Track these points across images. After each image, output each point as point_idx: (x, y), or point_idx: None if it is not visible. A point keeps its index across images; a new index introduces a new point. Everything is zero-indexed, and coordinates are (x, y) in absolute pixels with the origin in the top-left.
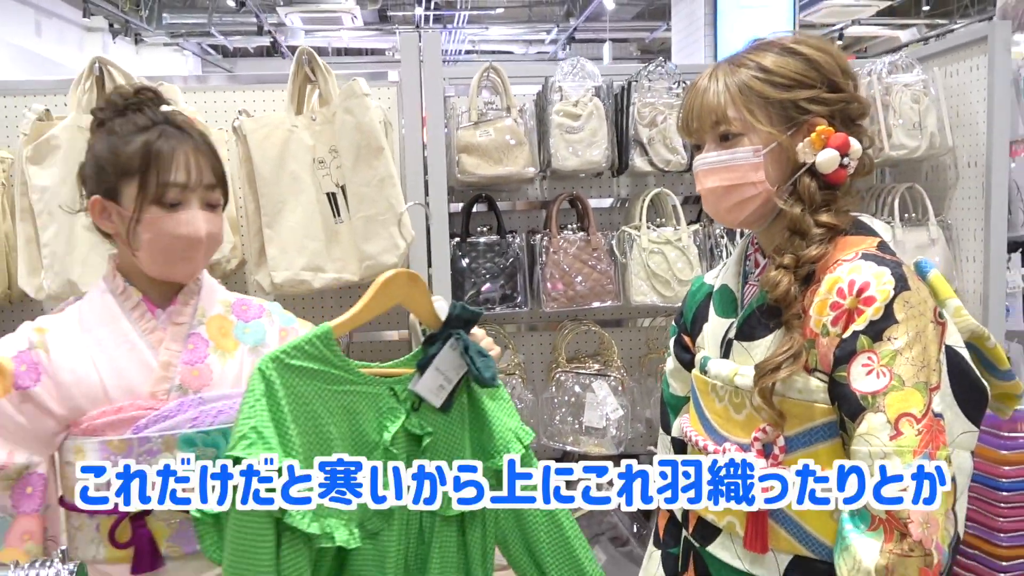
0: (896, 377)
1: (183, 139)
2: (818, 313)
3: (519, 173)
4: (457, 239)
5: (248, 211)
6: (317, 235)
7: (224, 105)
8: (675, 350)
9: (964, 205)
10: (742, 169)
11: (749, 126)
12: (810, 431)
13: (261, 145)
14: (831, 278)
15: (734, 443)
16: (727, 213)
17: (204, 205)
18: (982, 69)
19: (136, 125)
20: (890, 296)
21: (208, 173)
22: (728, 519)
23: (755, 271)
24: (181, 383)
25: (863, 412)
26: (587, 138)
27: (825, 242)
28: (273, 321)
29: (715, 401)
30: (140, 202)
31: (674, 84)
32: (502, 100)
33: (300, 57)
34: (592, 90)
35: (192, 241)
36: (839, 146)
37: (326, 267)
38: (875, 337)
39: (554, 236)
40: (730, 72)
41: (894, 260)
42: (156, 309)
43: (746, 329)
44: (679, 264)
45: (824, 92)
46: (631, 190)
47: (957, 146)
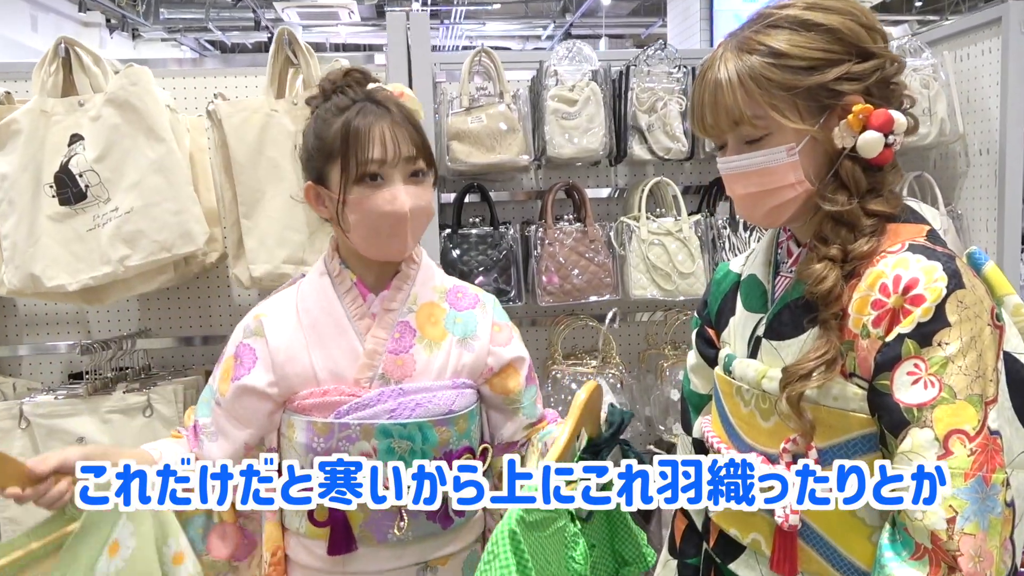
0: (947, 388)
1: (380, 114)
2: (858, 312)
3: (512, 161)
4: (448, 230)
5: (225, 201)
6: (299, 226)
7: (207, 92)
8: (697, 344)
9: (975, 194)
10: (777, 172)
11: (776, 124)
12: (846, 444)
13: (238, 130)
14: (874, 272)
15: (760, 453)
16: (765, 218)
17: (407, 178)
18: (995, 52)
19: (337, 107)
20: (942, 295)
21: (407, 145)
22: (753, 536)
23: (788, 261)
24: (384, 372)
25: (907, 427)
26: (584, 124)
27: (877, 234)
28: (486, 313)
29: (740, 405)
30: (344, 183)
31: (674, 68)
32: (495, 86)
33: (280, 38)
34: (589, 74)
35: (398, 217)
36: (882, 125)
37: (309, 260)
38: (923, 342)
39: (549, 227)
40: (740, 60)
41: (946, 252)
42: (368, 294)
43: (776, 326)
44: (680, 256)
45: (855, 64)
46: (630, 179)
47: (968, 133)
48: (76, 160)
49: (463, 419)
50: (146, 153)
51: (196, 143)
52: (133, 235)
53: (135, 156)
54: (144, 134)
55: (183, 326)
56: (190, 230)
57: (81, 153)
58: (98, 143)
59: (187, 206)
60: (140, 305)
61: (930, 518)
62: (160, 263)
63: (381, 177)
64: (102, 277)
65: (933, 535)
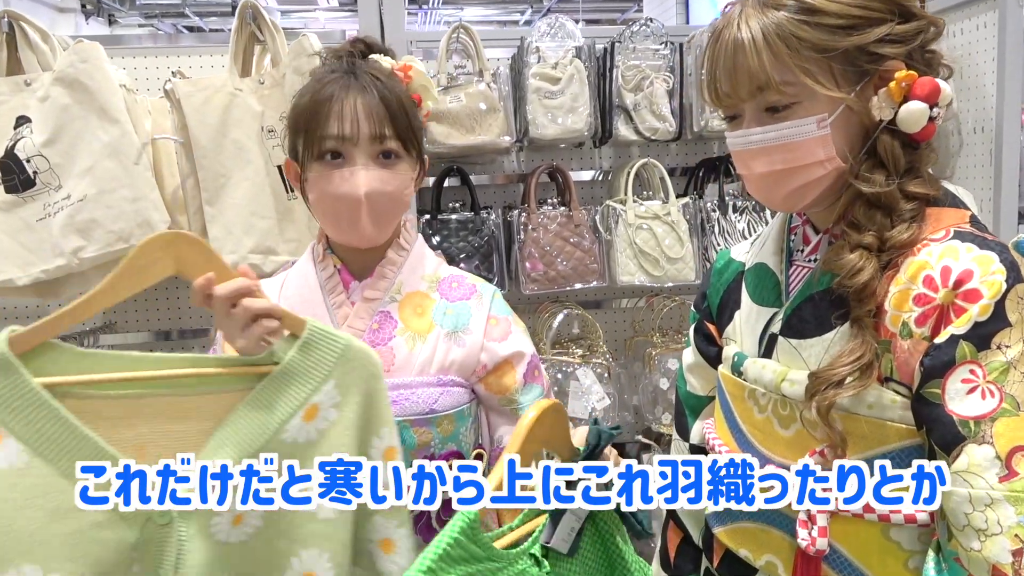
0: (1008, 398)
1: (353, 88)
2: (897, 308)
3: (493, 143)
4: (427, 216)
5: (187, 186)
6: (267, 213)
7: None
8: (696, 341)
9: (969, 174)
10: (805, 146)
11: (807, 91)
12: (882, 457)
13: (199, 111)
14: (915, 262)
15: (778, 466)
16: (786, 200)
17: (374, 158)
18: (991, 27)
19: (316, 79)
20: (1001, 290)
21: (377, 123)
22: (768, 558)
23: (804, 249)
24: None
25: (963, 443)
26: (567, 104)
27: (918, 219)
28: (482, 305)
29: (754, 411)
30: (305, 158)
31: (660, 45)
32: (474, 64)
33: (243, 13)
34: (572, 51)
35: (351, 200)
36: (928, 95)
37: (278, 248)
38: (981, 344)
39: (532, 212)
40: (765, 17)
41: (998, 242)
42: (352, 281)
43: (796, 323)
44: (668, 241)
45: (898, 25)
46: (615, 161)
47: (962, 111)
48: (23, 144)
49: (447, 420)
50: (99, 136)
51: (159, 126)
52: (87, 224)
53: (87, 139)
54: (96, 115)
55: (151, 319)
56: (149, 218)
57: (28, 136)
58: (47, 125)
59: (144, 192)
60: None
61: (991, 549)
62: (118, 254)
63: (342, 156)
64: (55, 271)
65: (995, 569)
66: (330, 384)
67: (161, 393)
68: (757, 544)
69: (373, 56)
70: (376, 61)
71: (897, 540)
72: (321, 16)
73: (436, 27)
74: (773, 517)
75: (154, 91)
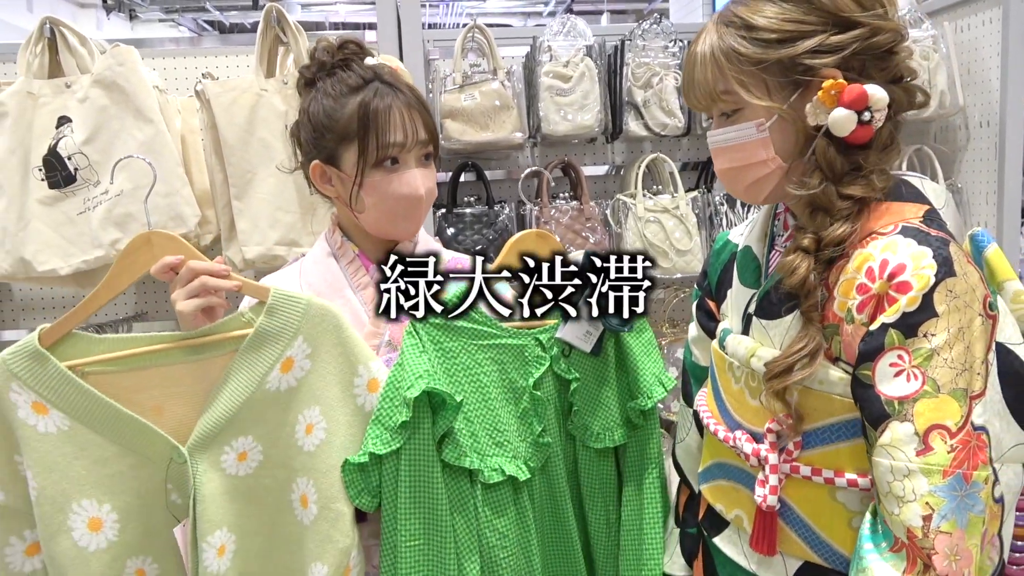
0: (930, 381)
1: (395, 95)
2: (844, 295)
3: (507, 139)
4: (443, 210)
5: (216, 182)
6: (291, 207)
7: (199, 72)
8: (698, 316)
9: (976, 168)
10: (748, 147)
11: (743, 101)
12: (830, 427)
13: (227, 110)
14: (862, 254)
15: (747, 431)
16: (746, 193)
17: (420, 160)
18: (996, 23)
19: (348, 85)
20: (929, 284)
21: (422, 128)
22: (736, 512)
23: (783, 235)
24: (390, 339)
25: (887, 420)
26: (579, 100)
27: (852, 218)
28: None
29: (731, 381)
30: (361, 166)
31: (670, 43)
32: (488, 62)
33: (268, 16)
34: (584, 50)
35: (414, 200)
36: (852, 101)
37: (301, 241)
38: (908, 332)
39: (545, 206)
40: (717, 34)
41: (940, 236)
42: (371, 265)
43: (766, 304)
44: (677, 233)
45: (832, 35)
46: (626, 156)
47: (968, 105)
48: (64, 142)
49: None
50: (134, 135)
51: (188, 124)
52: (123, 218)
53: (123, 138)
54: (132, 115)
55: (171, 309)
56: (181, 212)
57: (69, 135)
58: (86, 125)
59: (177, 188)
60: (136, 288)
61: (906, 514)
62: None
63: (398, 161)
64: (94, 261)
65: (909, 531)
66: (299, 339)
67: (162, 363)
68: (728, 500)
69: (375, 60)
70: (385, 64)
71: (843, 501)
72: (341, 10)
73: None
74: (741, 476)
75: (182, 91)
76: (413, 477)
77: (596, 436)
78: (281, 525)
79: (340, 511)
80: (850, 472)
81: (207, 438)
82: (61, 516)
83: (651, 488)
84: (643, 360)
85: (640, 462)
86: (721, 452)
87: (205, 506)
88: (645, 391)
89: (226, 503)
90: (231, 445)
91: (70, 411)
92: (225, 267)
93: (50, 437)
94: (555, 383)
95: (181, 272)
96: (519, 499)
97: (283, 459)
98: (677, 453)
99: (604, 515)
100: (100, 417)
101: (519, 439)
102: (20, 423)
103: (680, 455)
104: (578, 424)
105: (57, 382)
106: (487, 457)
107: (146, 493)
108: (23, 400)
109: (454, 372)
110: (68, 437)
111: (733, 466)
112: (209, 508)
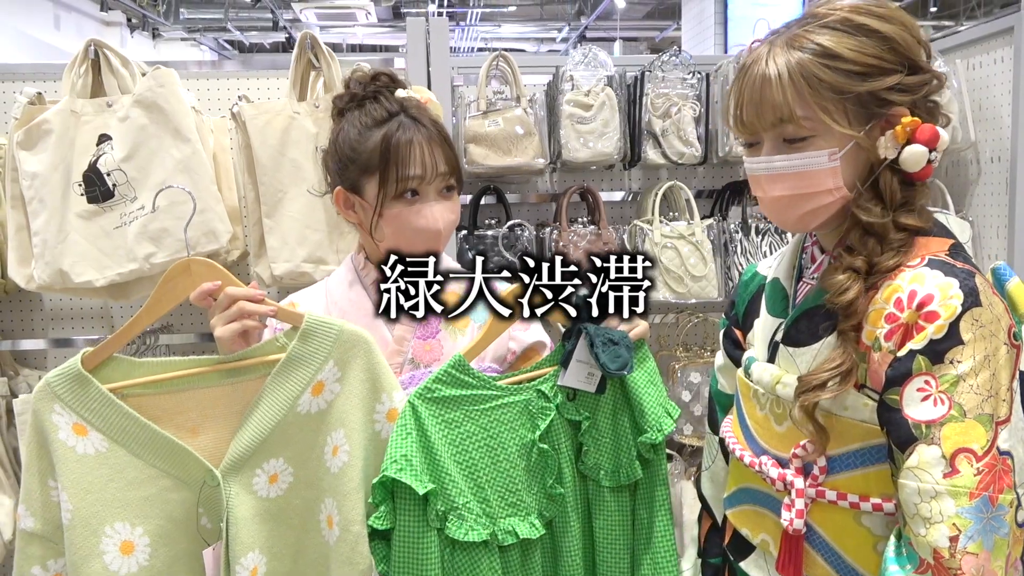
0: (956, 406)
1: (417, 130)
2: (872, 324)
3: (528, 164)
4: (464, 231)
5: (248, 200)
6: (319, 226)
7: (229, 93)
8: (725, 345)
9: (987, 201)
10: (817, 176)
11: (823, 127)
12: (856, 453)
13: (261, 132)
14: (892, 285)
15: (772, 456)
16: (797, 222)
17: (440, 193)
18: (1007, 61)
19: (373, 118)
20: (956, 313)
21: (442, 162)
22: (762, 536)
23: (811, 267)
24: (413, 357)
25: (915, 443)
26: (598, 129)
27: (904, 248)
28: None
29: (756, 408)
30: (381, 198)
31: (688, 75)
32: (512, 90)
33: (303, 42)
34: (604, 80)
35: (432, 233)
36: (929, 139)
37: (328, 259)
38: (935, 359)
39: (564, 229)
40: (790, 57)
41: (966, 268)
42: None
43: (794, 333)
44: (692, 260)
45: (906, 76)
46: (643, 183)
47: (980, 140)
48: (104, 159)
49: None
50: (172, 153)
51: (219, 143)
52: (158, 233)
53: (161, 156)
54: (170, 135)
55: (204, 322)
56: (214, 229)
57: (109, 152)
58: (126, 143)
59: (211, 205)
60: None
61: (933, 535)
62: None
63: (417, 193)
64: (128, 274)
65: (936, 552)
66: (330, 363)
67: (199, 386)
68: (755, 524)
69: (405, 92)
70: (412, 97)
71: (868, 526)
72: (360, 32)
73: (473, 43)
74: (767, 501)
75: (213, 111)
76: (404, 553)
77: (611, 474)
78: (309, 545)
79: (359, 533)
80: (875, 497)
81: (240, 460)
82: (94, 539)
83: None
84: (647, 392)
85: (650, 495)
86: (747, 477)
87: (238, 529)
88: (654, 424)
89: (257, 525)
90: (263, 468)
91: (110, 432)
92: (261, 292)
93: (88, 459)
94: (564, 427)
95: (219, 298)
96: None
97: (312, 480)
98: (702, 481)
99: (620, 556)
100: (139, 438)
101: (531, 494)
102: (59, 444)
103: (705, 483)
104: (590, 464)
105: (99, 404)
106: (500, 520)
107: (178, 517)
108: (64, 422)
109: (460, 441)
110: (105, 459)
111: (759, 491)
112: (242, 531)
